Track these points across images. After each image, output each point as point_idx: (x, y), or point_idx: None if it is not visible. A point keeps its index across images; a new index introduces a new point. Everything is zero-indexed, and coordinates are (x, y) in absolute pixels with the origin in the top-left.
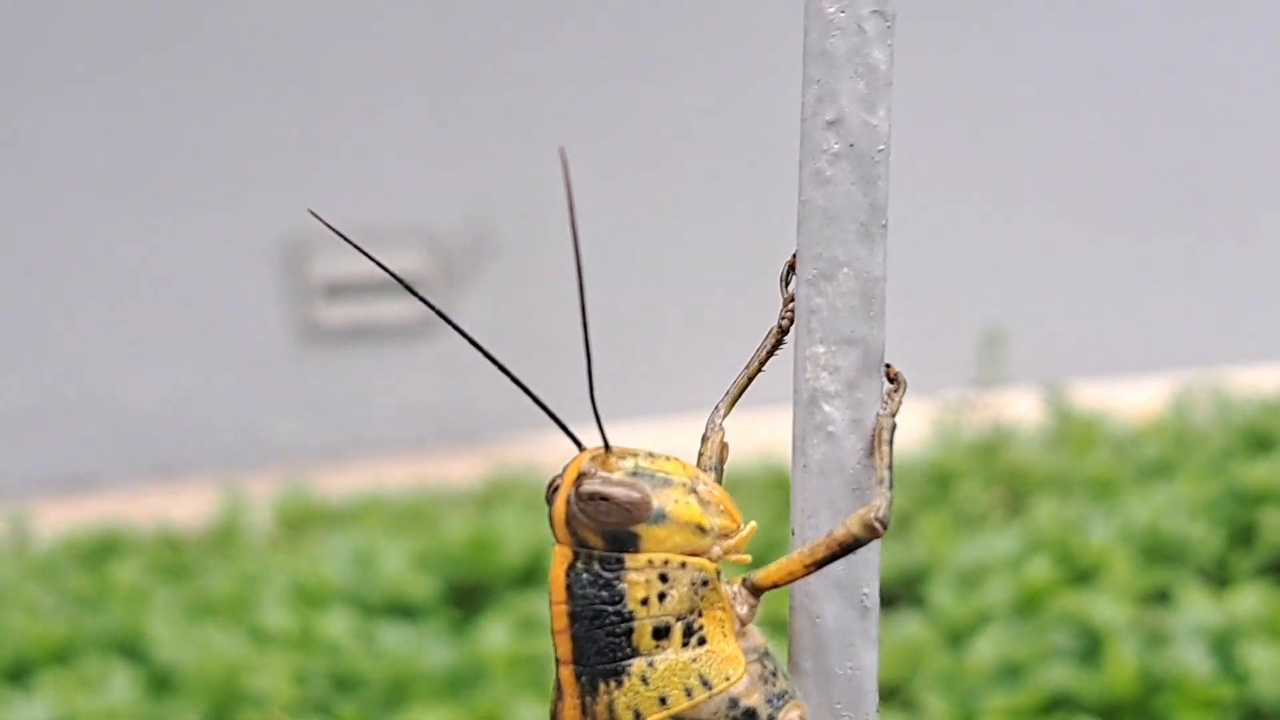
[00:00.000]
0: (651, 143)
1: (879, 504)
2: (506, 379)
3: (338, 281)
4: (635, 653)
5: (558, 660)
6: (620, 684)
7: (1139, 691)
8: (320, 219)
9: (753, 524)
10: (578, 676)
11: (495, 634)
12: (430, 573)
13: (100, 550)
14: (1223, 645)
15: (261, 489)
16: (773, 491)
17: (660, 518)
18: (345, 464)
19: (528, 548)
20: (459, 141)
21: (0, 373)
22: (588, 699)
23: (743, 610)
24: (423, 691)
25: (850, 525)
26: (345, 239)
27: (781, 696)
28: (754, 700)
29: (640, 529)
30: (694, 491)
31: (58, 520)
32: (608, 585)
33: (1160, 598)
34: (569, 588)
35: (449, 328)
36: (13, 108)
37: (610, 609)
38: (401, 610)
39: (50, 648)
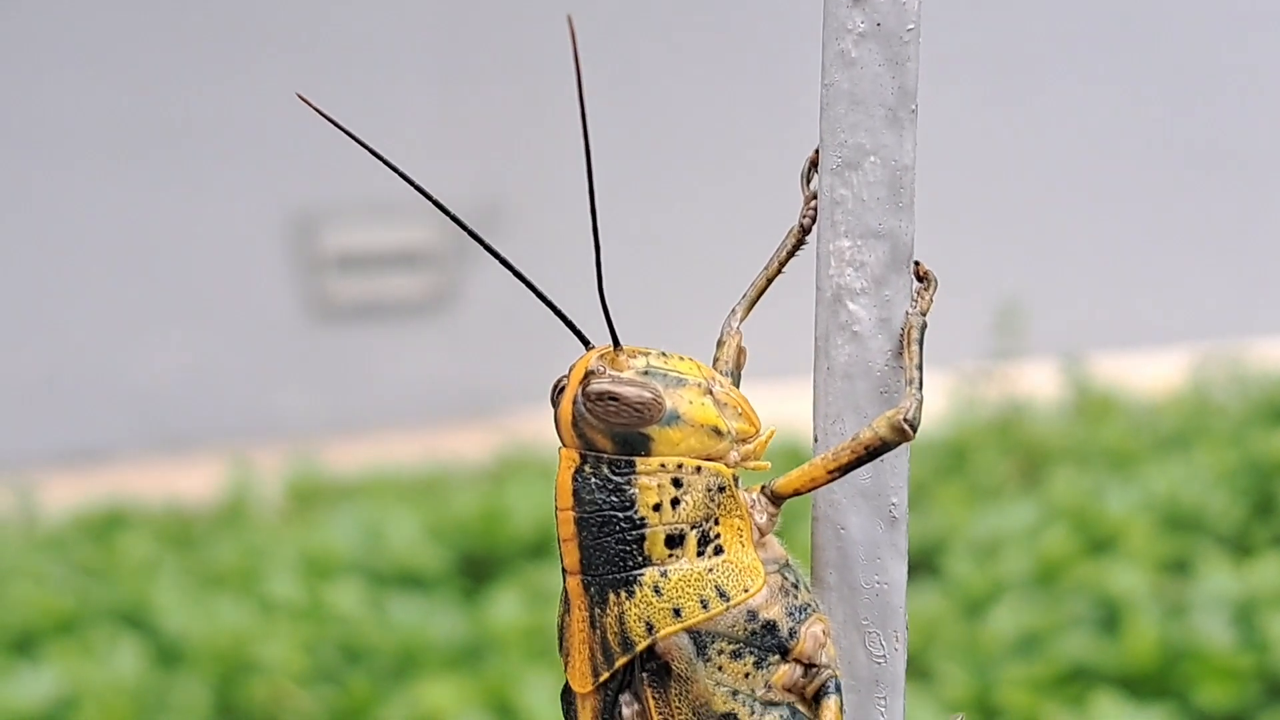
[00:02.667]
0: (662, 118)
1: (908, 405)
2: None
3: (349, 254)
4: (647, 562)
5: (564, 570)
6: (631, 594)
7: (1159, 662)
8: (310, 104)
9: (772, 429)
10: (586, 587)
11: (505, 606)
12: (441, 544)
13: (108, 524)
14: (1244, 615)
15: (270, 463)
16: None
17: (673, 419)
18: (355, 438)
19: (538, 520)
20: (470, 115)
21: (8, 348)
22: (597, 611)
23: (762, 519)
24: (432, 662)
25: (877, 427)
26: (342, 129)
27: (803, 610)
28: (774, 613)
29: (652, 430)
30: (709, 393)
31: (65, 495)
32: (617, 490)
33: (1180, 567)
34: (576, 493)
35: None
36: (21, 81)
37: (620, 515)
38: (412, 581)
39: (57, 619)
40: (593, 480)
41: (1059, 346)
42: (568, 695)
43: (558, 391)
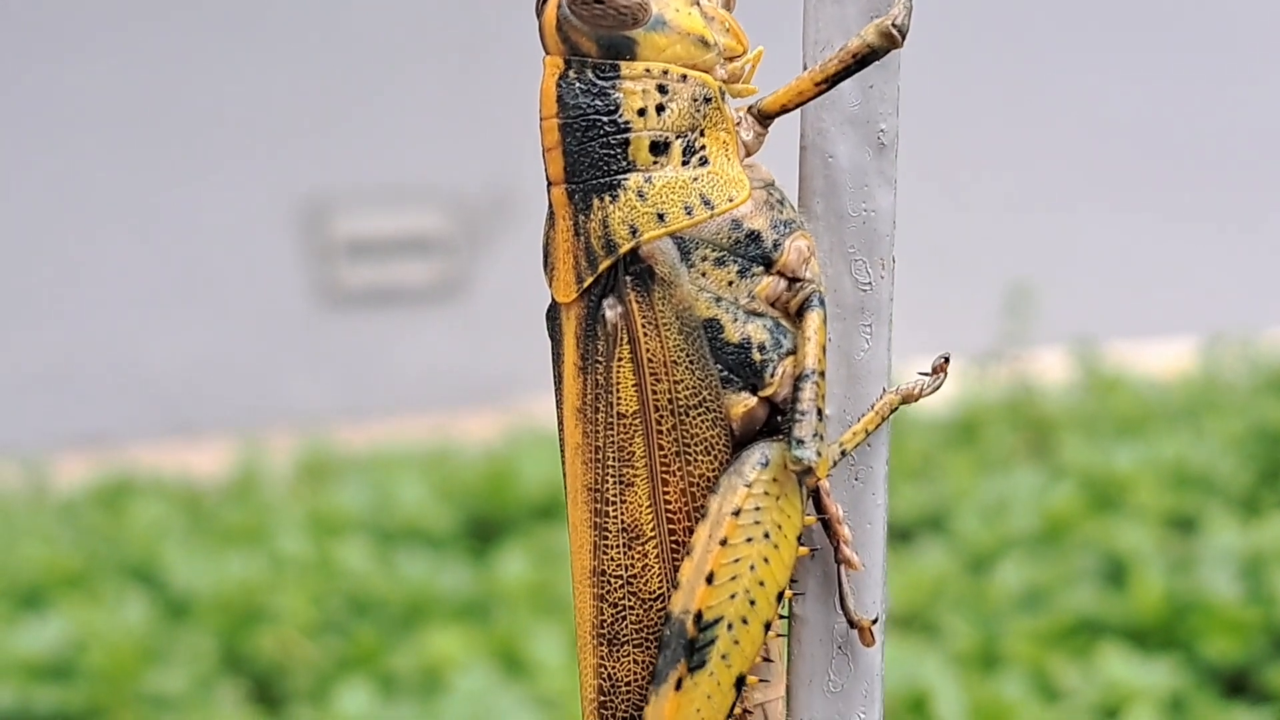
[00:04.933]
0: None
1: (898, 11)
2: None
3: (360, 241)
4: (631, 167)
5: (549, 182)
6: (615, 198)
7: (1165, 615)
8: None
9: (760, 49)
10: (570, 196)
11: (513, 563)
12: (449, 505)
13: (118, 493)
14: (1251, 570)
15: (281, 445)
16: None
17: (659, 24)
18: (365, 424)
19: (546, 482)
20: (482, 102)
21: (20, 333)
22: (580, 218)
23: (748, 137)
24: (440, 614)
25: (865, 35)
26: None
27: (788, 225)
28: (758, 224)
29: (638, 34)
30: (697, 3)
31: (77, 476)
32: (602, 94)
33: (1187, 525)
34: (560, 98)
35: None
36: (35, 68)
37: (604, 119)
38: (420, 540)
39: (65, 575)
40: (577, 85)
41: (1070, 333)
42: (552, 315)
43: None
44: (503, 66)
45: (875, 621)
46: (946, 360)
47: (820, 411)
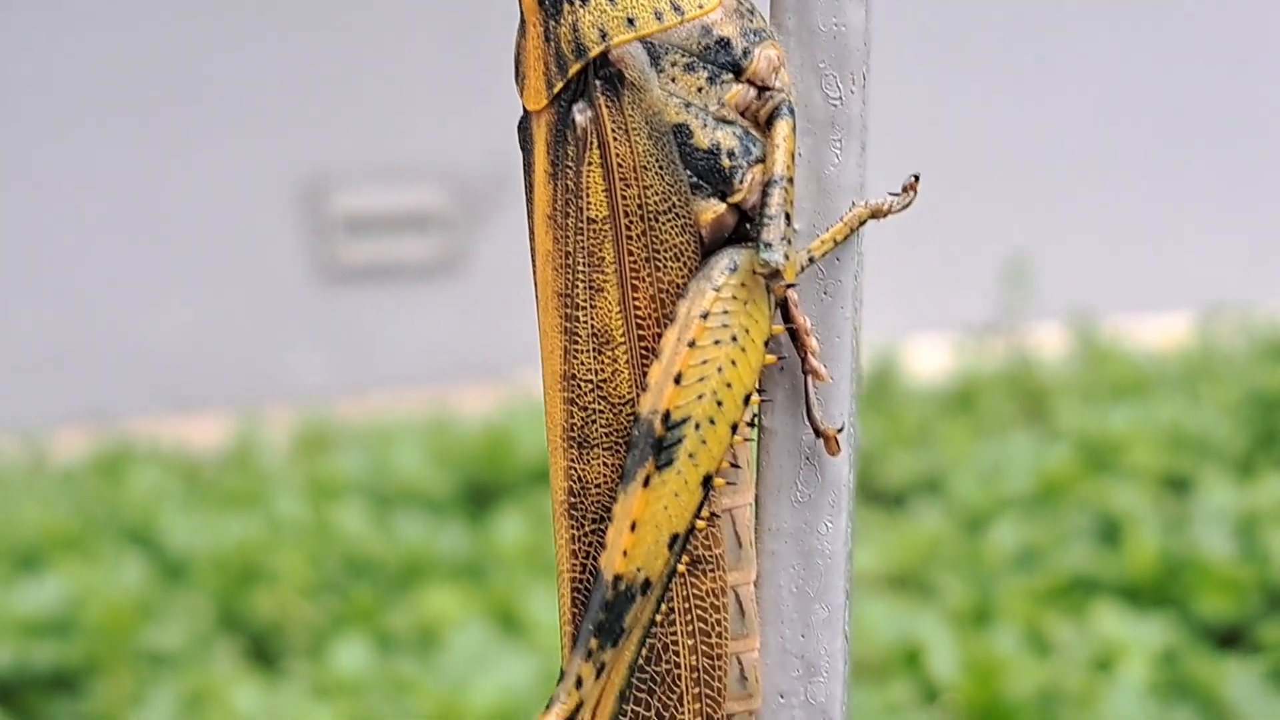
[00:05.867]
0: None
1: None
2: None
3: (358, 217)
4: None
5: None
6: (585, 2)
7: (1159, 572)
8: None
9: None
10: (540, 1)
11: (510, 527)
12: (446, 469)
13: (116, 461)
14: (1245, 529)
15: (280, 420)
16: None
17: None
18: (363, 399)
19: (543, 448)
20: (480, 79)
21: (19, 310)
22: (551, 23)
23: None
24: (437, 574)
25: None
26: None
27: (758, 34)
28: (728, 31)
29: None
30: None
31: (75, 449)
32: None
33: (1181, 485)
34: None
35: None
36: (32, 44)
37: None
38: (417, 503)
39: (63, 537)
40: None
41: (1066, 309)
42: (523, 125)
43: None
44: (501, 43)
45: (841, 430)
46: (917, 179)
47: (789, 216)
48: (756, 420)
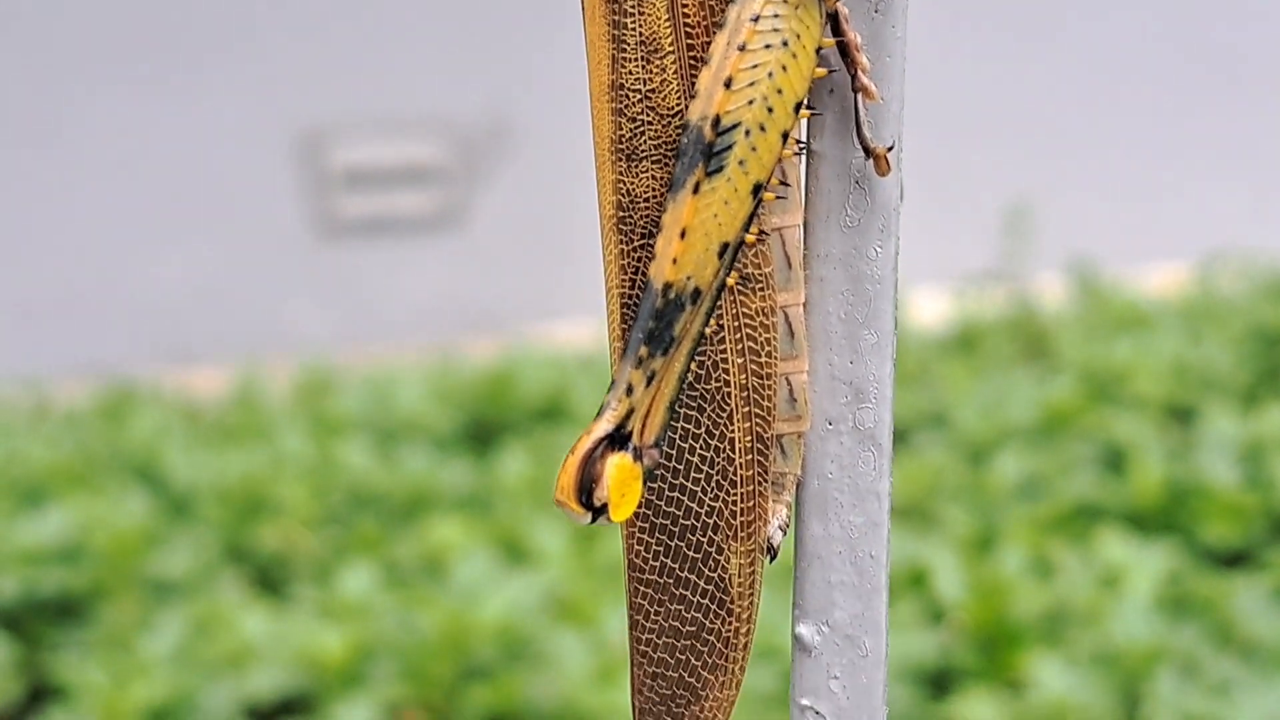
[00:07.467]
0: None
1: None
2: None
3: (357, 171)
4: None
5: None
6: None
7: (1164, 500)
8: None
9: None
10: None
11: (513, 462)
12: (450, 406)
13: (120, 405)
14: (1250, 457)
15: (281, 370)
16: None
17: None
18: (363, 350)
19: (546, 385)
20: (480, 31)
21: (19, 263)
22: None
23: None
24: (442, 505)
25: None
26: None
27: None
28: None
29: None
30: None
31: (79, 400)
32: None
33: (1186, 415)
34: None
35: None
36: None
37: None
38: (421, 437)
39: (66, 474)
40: None
41: (1067, 257)
42: None
43: None
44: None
45: (891, 149)
46: None
47: None
48: (805, 146)
